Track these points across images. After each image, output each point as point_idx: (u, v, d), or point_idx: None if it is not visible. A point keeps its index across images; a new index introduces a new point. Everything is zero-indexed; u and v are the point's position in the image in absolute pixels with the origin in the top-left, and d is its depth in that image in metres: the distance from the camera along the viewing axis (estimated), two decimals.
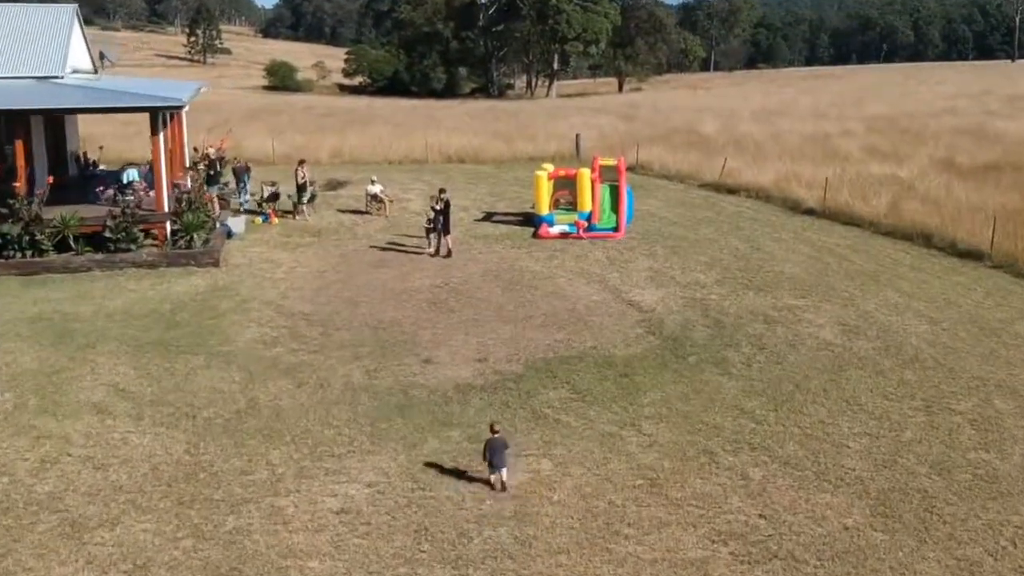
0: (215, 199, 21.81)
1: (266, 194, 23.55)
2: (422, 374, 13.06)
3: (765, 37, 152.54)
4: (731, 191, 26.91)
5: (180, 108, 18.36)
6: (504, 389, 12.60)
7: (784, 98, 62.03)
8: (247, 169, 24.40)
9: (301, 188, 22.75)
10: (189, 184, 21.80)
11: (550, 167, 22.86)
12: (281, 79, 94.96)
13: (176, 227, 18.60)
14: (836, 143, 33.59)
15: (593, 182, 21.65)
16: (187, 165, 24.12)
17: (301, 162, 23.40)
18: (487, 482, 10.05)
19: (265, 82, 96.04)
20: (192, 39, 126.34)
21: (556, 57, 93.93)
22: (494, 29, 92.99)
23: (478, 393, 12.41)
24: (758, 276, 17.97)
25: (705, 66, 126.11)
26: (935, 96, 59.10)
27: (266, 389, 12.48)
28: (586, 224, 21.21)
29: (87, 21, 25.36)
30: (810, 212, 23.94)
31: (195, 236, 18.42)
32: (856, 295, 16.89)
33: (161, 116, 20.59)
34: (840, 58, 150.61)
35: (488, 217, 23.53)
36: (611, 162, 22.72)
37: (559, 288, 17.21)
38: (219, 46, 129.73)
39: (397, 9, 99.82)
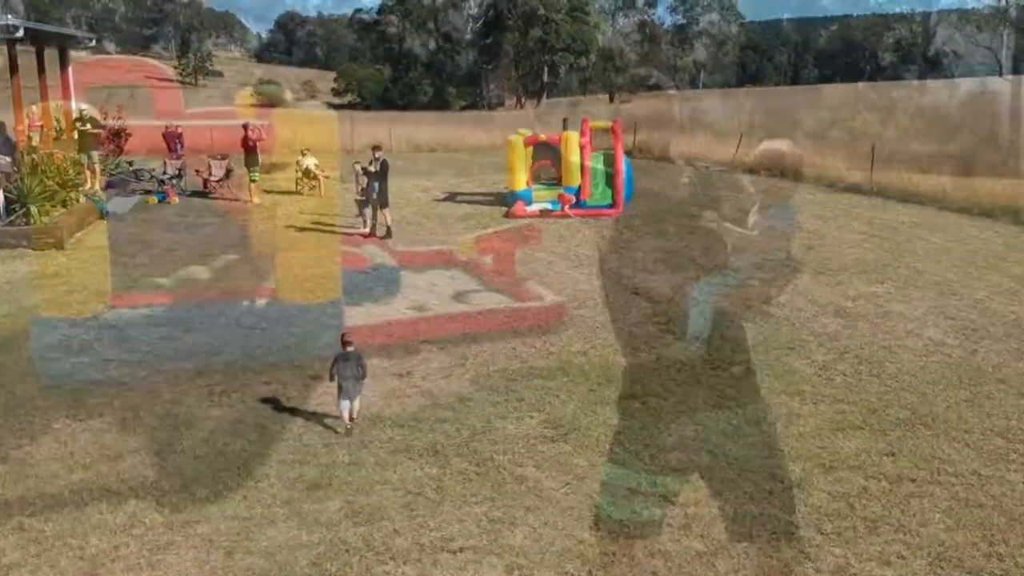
0: (94, 168, 17.05)
1: (168, 171, 18.90)
2: (300, 398, 8.02)
3: (752, 60, 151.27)
4: (751, 171, 22.13)
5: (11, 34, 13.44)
6: (434, 422, 7.58)
7: (786, 97, 57.74)
8: (179, 135, 20.20)
9: (250, 153, 17.44)
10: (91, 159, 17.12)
11: (527, 131, 18.02)
12: (268, 98, 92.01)
13: (11, 198, 13.66)
14: (864, 120, 28.98)
15: (582, 148, 16.80)
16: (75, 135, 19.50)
17: (245, 126, 18.04)
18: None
19: (252, 101, 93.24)
20: (183, 61, 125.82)
21: (546, 69, 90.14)
22: (482, 43, 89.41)
23: (387, 430, 7.37)
24: (810, 257, 13.10)
25: (694, 84, 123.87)
26: (950, 91, 54.92)
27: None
28: (573, 199, 16.34)
29: (77, 41, 20.86)
30: (855, 189, 19.14)
31: (35, 209, 13.44)
32: (953, 280, 12.01)
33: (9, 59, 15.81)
34: (825, 79, 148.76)
35: (451, 197, 18.67)
36: (605, 124, 17.91)
37: (534, 272, 12.26)
38: (210, 68, 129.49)
39: (381, 22, 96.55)
